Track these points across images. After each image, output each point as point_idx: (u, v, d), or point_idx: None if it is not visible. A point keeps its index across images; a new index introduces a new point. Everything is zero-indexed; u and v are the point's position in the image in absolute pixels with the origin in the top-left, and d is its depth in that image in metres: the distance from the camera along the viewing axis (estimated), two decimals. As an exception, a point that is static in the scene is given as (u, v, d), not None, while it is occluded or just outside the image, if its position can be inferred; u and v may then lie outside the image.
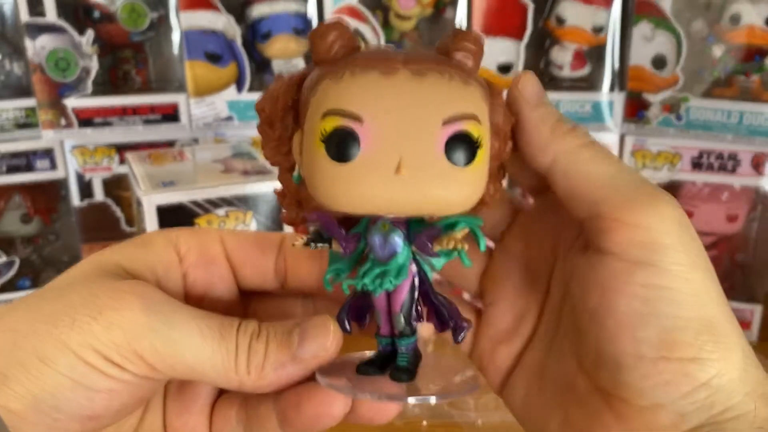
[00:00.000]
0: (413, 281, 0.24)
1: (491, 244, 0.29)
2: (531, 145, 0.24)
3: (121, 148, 0.77)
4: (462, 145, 0.21)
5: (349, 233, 0.23)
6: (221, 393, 0.28)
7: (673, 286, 0.21)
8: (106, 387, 0.23)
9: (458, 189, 0.21)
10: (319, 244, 0.24)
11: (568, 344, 0.25)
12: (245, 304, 0.30)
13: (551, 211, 0.27)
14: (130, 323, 0.22)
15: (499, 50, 0.71)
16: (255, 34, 0.73)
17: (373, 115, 0.20)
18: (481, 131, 0.21)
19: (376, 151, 0.20)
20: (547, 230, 0.27)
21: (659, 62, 0.69)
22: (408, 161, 0.20)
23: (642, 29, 0.68)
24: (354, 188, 0.21)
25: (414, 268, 0.24)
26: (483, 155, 0.22)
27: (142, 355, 0.22)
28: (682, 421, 0.21)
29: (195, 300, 0.27)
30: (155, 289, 0.24)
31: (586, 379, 0.24)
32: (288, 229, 0.49)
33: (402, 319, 0.24)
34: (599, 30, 0.70)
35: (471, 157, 0.21)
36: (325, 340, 0.24)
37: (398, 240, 0.23)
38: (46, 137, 0.73)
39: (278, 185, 0.25)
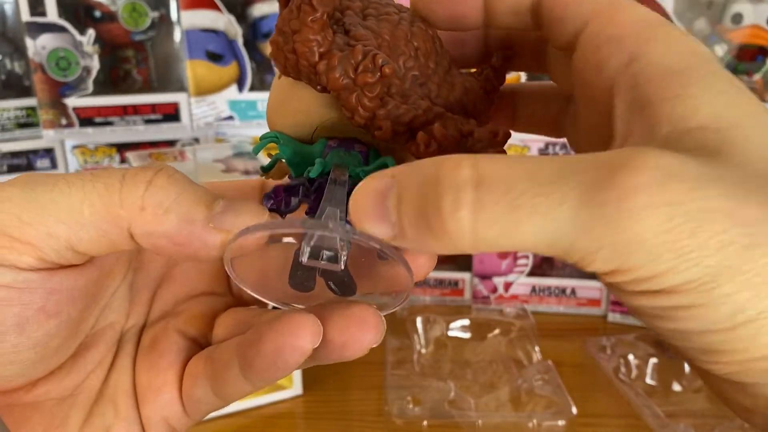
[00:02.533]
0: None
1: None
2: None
3: (122, 148, 0.77)
4: None
5: None
6: (192, 353, 0.25)
7: None
8: None
9: None
10: None
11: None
12: None
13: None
14: None
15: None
16: (256, 33, 0.73)
17: None
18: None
19: None
20: None
21: (661, 62, 0.69)
22: None
23: (643, 29, 0.68)
24: None
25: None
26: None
27: (10, 234, 0.19)
28: None
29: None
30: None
31: None
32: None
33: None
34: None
35: None
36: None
37: None
38: (47, 137, 0.73)
39: None
